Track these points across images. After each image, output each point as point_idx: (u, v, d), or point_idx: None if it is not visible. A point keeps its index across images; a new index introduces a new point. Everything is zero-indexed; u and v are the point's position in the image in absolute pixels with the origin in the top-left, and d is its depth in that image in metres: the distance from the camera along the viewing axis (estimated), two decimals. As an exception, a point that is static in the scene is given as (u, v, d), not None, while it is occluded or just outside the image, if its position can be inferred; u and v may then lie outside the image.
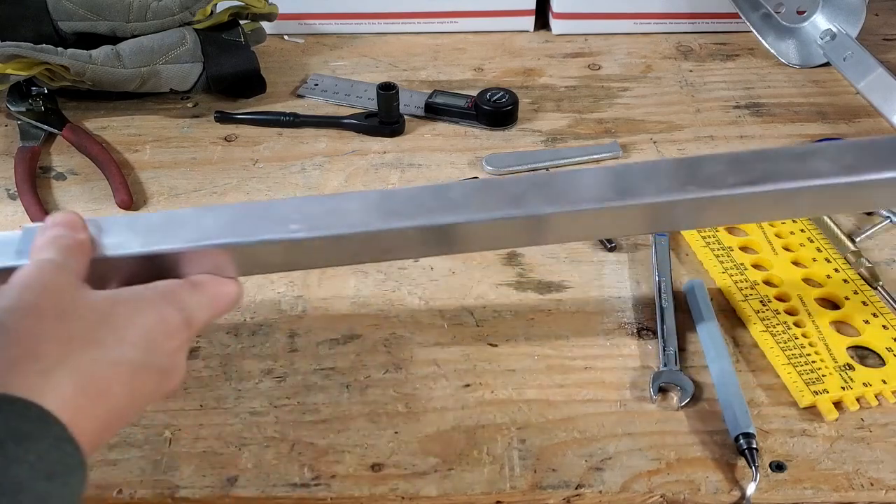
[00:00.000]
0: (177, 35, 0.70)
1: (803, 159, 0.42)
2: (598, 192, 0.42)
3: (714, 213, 0.43)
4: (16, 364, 0.32)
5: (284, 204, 0.43)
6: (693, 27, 0.85)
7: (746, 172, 0.42)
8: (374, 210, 0.42)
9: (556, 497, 0.44)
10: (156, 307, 0.37)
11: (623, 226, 0.45)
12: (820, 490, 0.44)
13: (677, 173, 0.42)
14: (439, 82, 0.77)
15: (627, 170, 0.44)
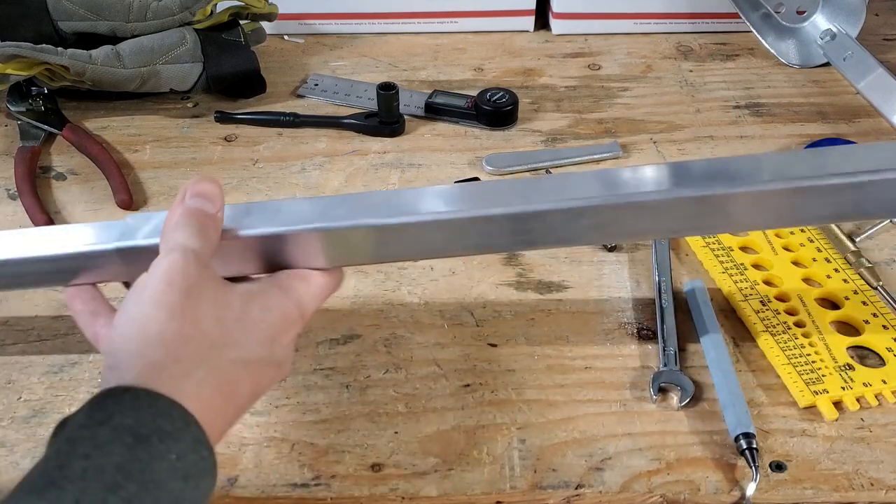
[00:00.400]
0: (177, 35, 0.70)
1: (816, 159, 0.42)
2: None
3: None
4: (161, 365, 0.33)
5: (378, 194, 0.43)
6: (693, 27, 0.85)
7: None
8: (468, 199, 0.42)
9: (556, 497, 0.44)
10: (280, 304, 0.39)
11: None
12: (820, 490, 0.44)
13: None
14: (439, 82, 0.77)
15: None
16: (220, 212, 0.40)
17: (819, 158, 0.43)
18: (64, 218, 0.61)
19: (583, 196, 0.41)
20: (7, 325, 0.53)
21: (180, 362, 0.33)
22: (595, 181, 0.42)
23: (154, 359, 0.33)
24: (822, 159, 0.43)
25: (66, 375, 0.50)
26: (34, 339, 0.52)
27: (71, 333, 0.52)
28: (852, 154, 0.43)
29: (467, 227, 0.42)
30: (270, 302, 0.38)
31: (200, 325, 0.35)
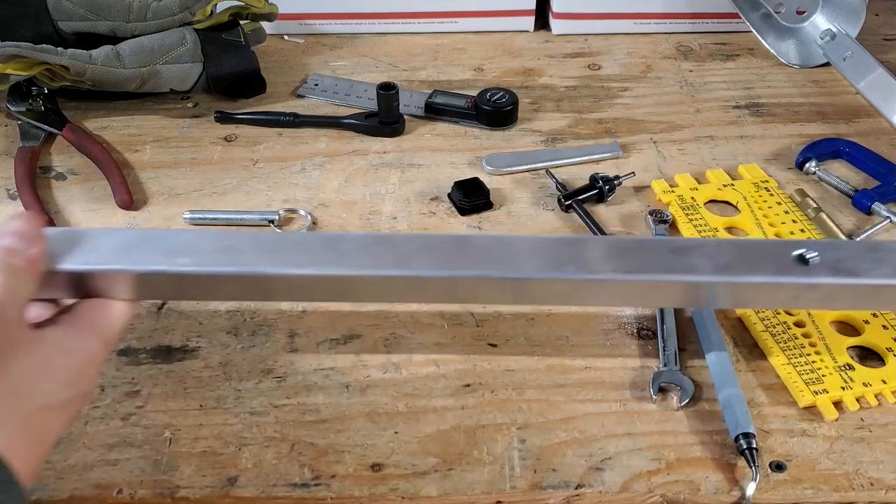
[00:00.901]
0: (177, 35, 0.70)
1: (682, 254, 0.43)
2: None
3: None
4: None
5: (187, 234, 0.45)
6: (693, 27, 0.85)
7: (625, 260, 0.43)
8: (266, 252, 0.43)
9: (556, 497, 0.44)
10: (83, 345, 0.39)
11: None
12: (820, 490, 0.44)
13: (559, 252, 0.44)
14: (439, 82, 0.77)
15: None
16: (38, 247, 0.39)
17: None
18: (64, 218, 0.61)
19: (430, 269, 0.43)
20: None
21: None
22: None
23: None
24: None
25: (66, 375, 0.49)
26: (34, 339, 0.52)
27: (71, 333, 0.52)
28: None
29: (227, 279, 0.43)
30: (73, 345, 0.39)
31: (8, 381, 0.35)
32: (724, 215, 0.61)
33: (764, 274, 0.43)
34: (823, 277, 0.43)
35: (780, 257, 0.43)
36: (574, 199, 0.62)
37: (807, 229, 0.59)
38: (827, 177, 0.65)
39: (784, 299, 0.45)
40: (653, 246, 0.44)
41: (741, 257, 0.43)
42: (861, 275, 0.43)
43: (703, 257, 0.43)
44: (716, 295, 0.45)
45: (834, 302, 0.46)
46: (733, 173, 0.65)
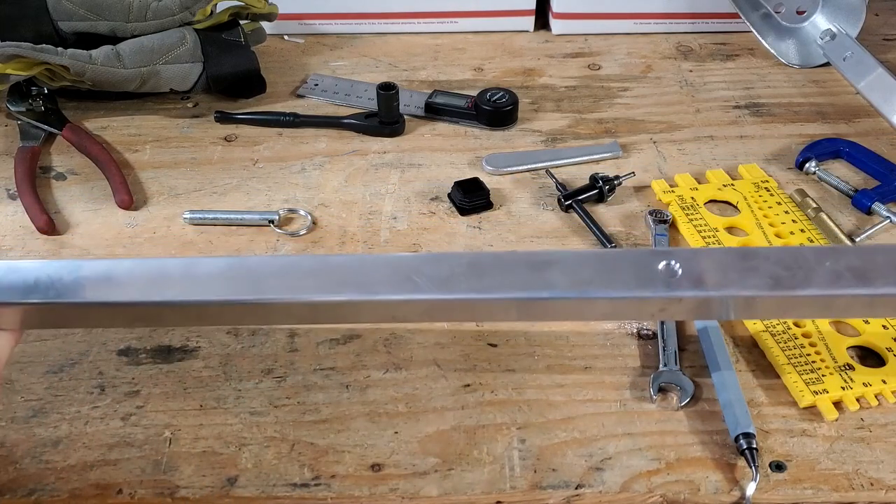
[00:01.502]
0: (177, 35, 0.70)
1: (539, 269, 0.42)
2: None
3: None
4: None
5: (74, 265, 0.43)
6: (693, 27, 0.85)
7: (481, 277, 0.42)
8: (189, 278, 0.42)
9: (556, 497, 0.44)
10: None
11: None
12: (820, 490, 0.44)
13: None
14: (439, 82, 0.77)
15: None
16: None
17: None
18: (64, 218, 0.61)
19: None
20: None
21: None
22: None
23: None
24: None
25: (66, 375, 0.50)
26: (34, 339, 0.52)
27: (71, 333, 0.52)
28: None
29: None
30: None
31: None
32: (724, 215, 0.61)
33: (623, 289, 0.41)
34: (685, 291, 0.41)
35: (643, 269, 0.41)
36: (574, 199, 0.62)
37: (807, 229, 0.59)
38: (827, 177, 0.65)
39: (652, 312, 0.44)
40: (512, 261, 0.43)
41: (602, 271, 0.42)
42: (728, 287, 0.41)
43: (562, 273, 0.42)
44: (576, 310, 0.43)
45: (704, 313, 0.44)
46: (733, 173, 0.65)
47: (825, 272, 0.41)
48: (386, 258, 0.44)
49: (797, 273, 0.41)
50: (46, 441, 0.46)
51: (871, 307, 0.42)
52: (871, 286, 0.40)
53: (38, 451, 0.45)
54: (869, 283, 0.41)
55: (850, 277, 0.41)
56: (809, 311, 0.46)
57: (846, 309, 0.44)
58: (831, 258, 0.41)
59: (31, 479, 0.44)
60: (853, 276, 0.41)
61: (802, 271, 0.41)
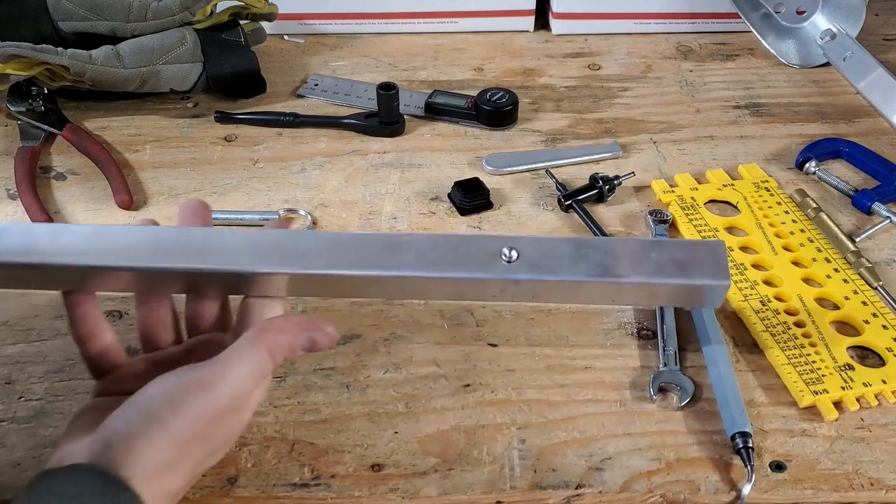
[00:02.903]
0: (177, 35, 0.70)
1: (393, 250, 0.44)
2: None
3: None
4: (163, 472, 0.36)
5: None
6: (693, 27, 0.85)
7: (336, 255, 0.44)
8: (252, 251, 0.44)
9: (556, 497, 0.44)
10: (242, 418, 0.40)
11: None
12: (820, 490, 0.44)
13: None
14: (439, 82, 0.77)
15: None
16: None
17: None
18: (64, 218, 0.61)
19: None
20: (7, 325, 0.53)
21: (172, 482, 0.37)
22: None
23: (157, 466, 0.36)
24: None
25: (66, 375, 0.50)
26: (34, 339, 0.52)
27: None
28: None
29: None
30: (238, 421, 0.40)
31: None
32: (724, 215, 0.61)
33: (466, 270, 0.44)
34: (522, 274, 0.44)
35: (487, 254, 0.44)
36: (574, 199, 0.62)
37: (807, 229, 0.59)
38: (827, 177, 0.65)
39: (493, 293, 0.46)
40: (368, 241, 0.45)
41: (450, 253, 0.44)
42: (558, 272, 0.44)
43: (413, 253, 0.44)
44: (424, 289, 0.46)
45: (540, 297, 0.47)
46: (733, 173, 0.65)
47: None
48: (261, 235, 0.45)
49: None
50: (47, 441, 0.46)
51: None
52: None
53: (39, 452, 0.45)
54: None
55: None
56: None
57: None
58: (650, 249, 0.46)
59: (32, 479, 0.44)
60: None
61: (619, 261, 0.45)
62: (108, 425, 0.36)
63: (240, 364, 0.38)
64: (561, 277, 0.44)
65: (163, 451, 0.36)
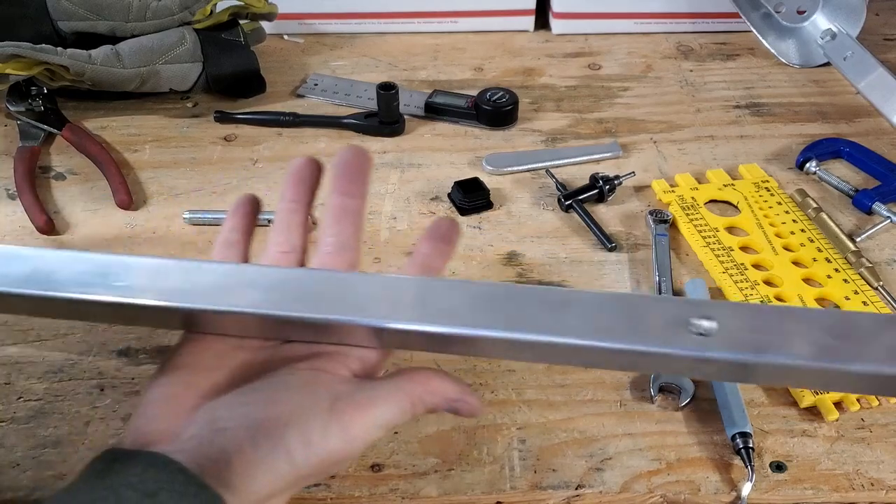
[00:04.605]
0: (176, 35, 0.70)
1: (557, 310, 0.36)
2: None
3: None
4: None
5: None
6: (693, 27, 0.85)
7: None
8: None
9: (556, 497, 0.44)
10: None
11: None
12: (820, 490, 0.44)
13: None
14: (439, 82, 0.77)
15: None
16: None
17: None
18: (64, 218, 0.61)
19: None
20: (7, 325, 0.53)
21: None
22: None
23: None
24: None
25: (67, 375, 0.49)
26: (34, 339, 0.52)
27: (71, 333, 0.52)
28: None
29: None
30: None
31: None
32: (724, 215, 0.61)
33: (649, 343, 0.35)
34: (719, 352, 0.34)
35: (674, 322, 0.35)
36: (574, 199, 0.62)
37: (807, 229, 0.59)
38: (827, 177, 0.65)
39: (682, 369, 0.39)
40: (524, 296, 0.37)
41: (626, 318, 0.36)
42: (767, 351, 0.34)
43: (580, 315, 0.36)
44: (591, 358, 0.37)
45: (749, 379, 0.39)
46: (734, 173, 0.65)
47: (881, 345, 0.34)
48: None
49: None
50: (46, 441, 0.46)
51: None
52: None
53: (38, 452, 0.45)
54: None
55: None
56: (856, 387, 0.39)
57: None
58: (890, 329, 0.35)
59: (31, 480, 0.44)
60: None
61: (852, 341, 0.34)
62: (228, 433, 0.32)
63: (382, 410, 0.34)
64: (774, 360, 0.34)
65: (278, 482, 0.32)
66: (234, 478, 0.31)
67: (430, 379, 0.36)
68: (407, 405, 0.35)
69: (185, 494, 0.30)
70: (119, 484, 0.30)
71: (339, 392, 0.34)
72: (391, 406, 0.35)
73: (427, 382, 0.36)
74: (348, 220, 0.41)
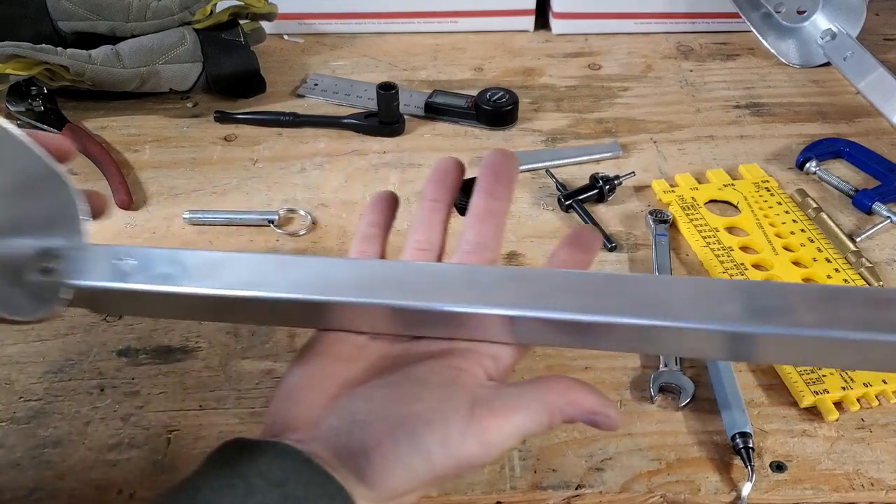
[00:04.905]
0: (176, 35, 0.70)
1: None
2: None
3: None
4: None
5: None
6: (693, 27, 0.85)
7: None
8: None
9: (556, 497, 0.44)
10: None
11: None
12: (820, 490, 0.44)
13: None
14: (439, 82, 0.77)
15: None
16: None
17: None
18: (64, 218, 0.61)
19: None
20: (7, 325, 0.53)
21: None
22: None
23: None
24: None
25: (67, 375, 0.49)
26: (34, 339, 0.52)
27: (70, 333, 0.52)
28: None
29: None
30: None
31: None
32: (724, 215, 0.61)
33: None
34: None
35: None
36: (574, 199, 0.62)
37: (807, 229, 0.59)
38: (827, 177, 0.65)
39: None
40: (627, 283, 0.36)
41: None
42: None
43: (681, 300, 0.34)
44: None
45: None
46: (734, 173, 0.65)
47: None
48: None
49: None
50: (46, 441, 0.46)
51: None
52: None
53: (38, 452, 0.45)
54: None
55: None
56: None
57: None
58: None
59: (31, 480, 0.44)
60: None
61: None
62: (368, 427, 0.32)
63: (520, 418, 0.34)
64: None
65: (412, 480, 0.32)
66: (372, 472, 0.32)
67: (570, 389, 0.35)
68: (545, 415, 0.34)
69: (311, 484, 0.30)
70: (248, 472, 0.30)
71: (478, 396, 0.34)
72: (530, 415, 0.34)
73: (567, 393, 0.35)
74: (491, 220, 0.40)
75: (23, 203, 0.38)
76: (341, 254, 0.58)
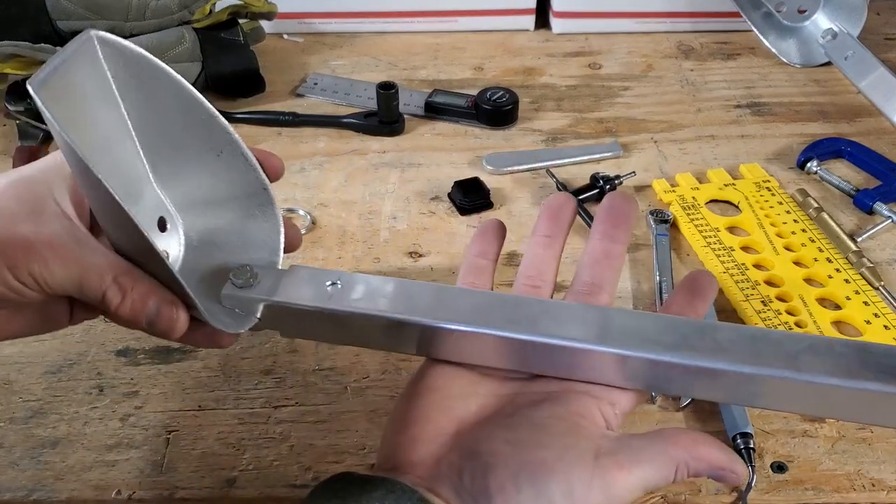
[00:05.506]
0: (175, 34, 0.70)
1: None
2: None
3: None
4: None
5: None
6: (694, 26, 0.84)
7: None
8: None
9: (557, 498, 0.44)
10: None
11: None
12: (821, 491, 0.43)
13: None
14: (439, 81, 0.77)
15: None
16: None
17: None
18: (63, 217, 0.61)
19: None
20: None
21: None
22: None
23: None
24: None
25: (66, 375, 0.49)
26: (33, 340, 0.52)
27: (70, 334, 0.52)
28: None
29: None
30: None
31: None
32: (725, 215, 0.61)
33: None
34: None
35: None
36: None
37: (808, 229, 0.59)
38: (828, 176, 0.65)
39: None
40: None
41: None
42: None
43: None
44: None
45: None
46: (734, 173, 0.65)
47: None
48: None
49: None
50: (45, 442, 0.46)
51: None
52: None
53: (37, 452, 0.45)
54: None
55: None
56: None
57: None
58: None
59: (30, 480, 0.44)
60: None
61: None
62: (492, 470, 0.32)
63: (646, 472, 0.33)
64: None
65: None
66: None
67: (696, 444, 0.35)
68: (671, 470, 0.34)
69: None
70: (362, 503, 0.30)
71: (601, 447, 0.33)
72: (655, 469, 0.33)
73: (693, 448, 0.34)
74: (608, 262, 0.40)
75: (233, 216, 0.38)
76: (340, 253, 0.58)
